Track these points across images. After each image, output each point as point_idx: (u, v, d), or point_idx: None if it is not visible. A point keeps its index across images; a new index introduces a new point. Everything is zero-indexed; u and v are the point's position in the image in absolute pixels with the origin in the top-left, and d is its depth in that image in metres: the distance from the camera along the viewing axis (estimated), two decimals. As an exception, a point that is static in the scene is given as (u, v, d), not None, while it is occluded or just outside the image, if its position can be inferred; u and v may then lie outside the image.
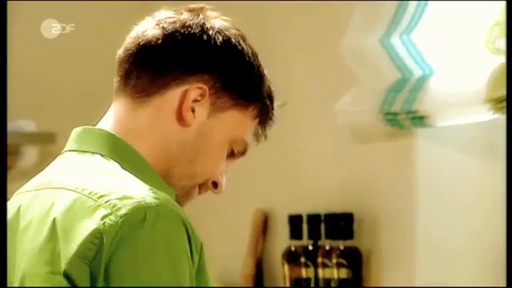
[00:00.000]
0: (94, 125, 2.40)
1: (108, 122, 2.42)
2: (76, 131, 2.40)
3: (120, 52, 2.42)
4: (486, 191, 4.04)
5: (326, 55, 4.22)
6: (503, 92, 3.60)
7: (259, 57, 2.47)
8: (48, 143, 4.72)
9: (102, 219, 2.21)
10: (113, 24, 4.30)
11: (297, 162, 4.43)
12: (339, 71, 4.14)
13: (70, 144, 2.40)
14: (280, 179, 4.49)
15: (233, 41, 2.46)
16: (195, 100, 2.38)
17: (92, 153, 2.38)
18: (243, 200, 4.51)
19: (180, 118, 2.39)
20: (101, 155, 2.35)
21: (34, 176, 2.36)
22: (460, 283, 3.98)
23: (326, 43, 4.20)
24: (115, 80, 2.42)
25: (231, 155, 2.46)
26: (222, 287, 4.51)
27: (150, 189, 2.26)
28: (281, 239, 4.36)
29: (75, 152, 2.38)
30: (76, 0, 4.99)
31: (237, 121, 2.46)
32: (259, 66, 2.50)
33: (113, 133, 2.38)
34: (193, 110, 2.39)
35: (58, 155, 2.40)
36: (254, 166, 4.38)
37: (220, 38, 2.43)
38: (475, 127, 3.89)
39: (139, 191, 2.25)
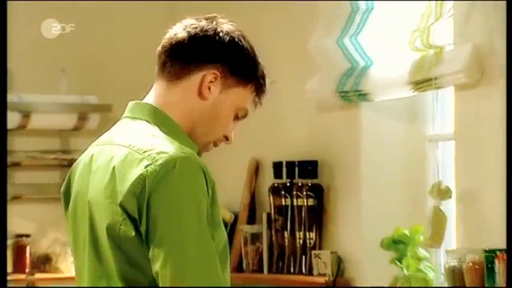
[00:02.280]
0: (141, 100, 2.54)
1: (151, 97, 2.55)
2: (130, 103, 2.55)
3: (159, 48, 2.55)
4: (409, 144, 4.19)
5: (301, 50, 4.35)
6: (419, 77, 3.84)
7: (255, 50, 2.57)
8: (106, 112, 4.77)
9: (145, 167, 2.35)
10: (155, 23, 4.34)
11: (280, 125, 4.55)
12: (309, 61, 4.29)
13: (126, 113, 2.54)
14: (267, 137, 4.61)
15: (237, 39, 2.57)
16: (211, 82, 2.50)
17: (141, 119, 2.52)
18: (241, 151, 4.56)
19: (200, 94, 2.50)
20: (147, 121, 2.50)
21: (97, 135, 2.50)
22: (392, 207, 4.15)
23: (300, 42, 4.35)
24: (156, 68, 2.56)
25: (236, 118, 2.55)
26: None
27: (179, 146, 2.40)
28: (267, 179, 4.53)
29: (129, 119, 2.52)
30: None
31: (240, 95, 2.54)
32: (254, 56, 2.58)
33: (155, 105, 2.53)
34: (209, 88, 2.51)
35: (117, 120, 2.56)
36: (250, 127, 4.32)
37: (228, 38, 2.55)
38: (401, 100, 4.07)
39: (171, 148, 2.38)
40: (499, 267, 3.50)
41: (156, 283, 2.30)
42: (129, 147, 2.41)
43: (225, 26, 2.55)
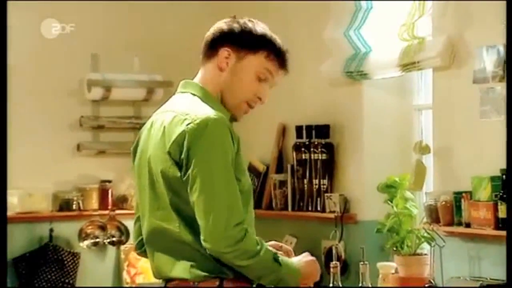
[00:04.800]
0: (192, 78, 2.66)
1: (197, 76, 2.64)
2: (181, 82, 2.66)
3: (203, 41, 2.64)
4: (399, 111, 4.19)
5: (317, 39, 4.36)
6: (406, 61, 3.83)
7: (263, 29, 2.56)
8: (168, 87, 4.78)
9: (186, 125, 2.46)
10: (204, 18, 4.34)
11: (301, 97, 4.57)
12: (323, 48, 4.32)
13: (178, 89, 2.66)
14: (291, 106, 4.62)
15: (243, 24, 2.59)
16: (226, 57, 2.57)
17: (187, 93, 2.62)
18: (272, 118, 4.65)
19: (220, 68, 2.58)
20: (191, 94, 2.60)
21: (161, 105, 2.62)
22: (386, 160, 4.13)
23: (317, 33, 4.36)
24: (201, 54, 2.64)
25: (262, 80, 2.57)
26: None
27: (213, 111, 2.49)
28: (291, 138, 4.53)
29: (179, 93, 2.64)
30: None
31: (253, 61, 2.57)
32: (260, 33, 2.58)
33: (197, 82, 2.62)
34: (226, 63, 2.55)
35: (173, 94, 2.70)
36: (279, 99, 4.54)
37: (236, 25, 2.58)
38: (393, 78, 4.09)
39: (206, 111, 2.48)
40: (464, 204, 3.54)
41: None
42: (176, 112, 2.51)
43: (239, 19, 2.61)
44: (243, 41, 2.58)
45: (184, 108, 2.51)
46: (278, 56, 2.57)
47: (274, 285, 2.47)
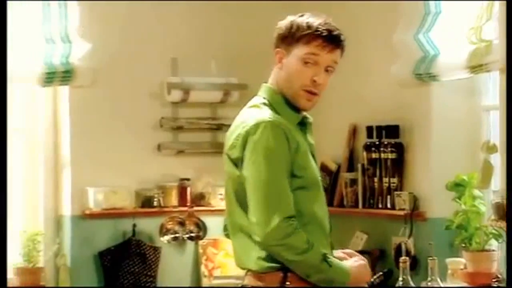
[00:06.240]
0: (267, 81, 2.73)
1: (269, 79, 2.71)
2: (262, 85, 2.73)
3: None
4: (467, 112, 4.18)
5: (387, 42, 4.33)
6: (474, 63, 3.82)
7: (307, 20, 2.57)
8: (243, 89, 4.83)
9: (242, 128, 2.57)
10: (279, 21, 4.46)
11: (371, 98, 4.54)
12: (393, 51, 4.30)
13: (259, 91, 2.73)
14: (362, 107, 4.60)
15: (290, 22, 2.63)
16: (280, 57, 2.63)
17: (259, 95, 2.69)
18: (343, 119, 4.66)
19: (279, 67, 2.65)
20: (263, 97, 2.66)
21: (236, 107, 2.71)
22: (454, 159, 4.08)
23: (387, 36, 4.33)
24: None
25: (311, 63, 2.57)
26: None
27: (269, 115, 2.55)
28: (362, 138, 4.53)
29: (257, 96, 2.71)
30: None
31: (297, 51, 2.59)
32: (295, 21, 2.59)
33: (268, 84, 2.69)
34: (281, 62, 2.62)
35: (252, 95, 2.76)
36: (350, 101, 4.61)
37: (285, 23, 2.64)
38: (461, 80, 4.06)
39: (262, 115, 2.56)
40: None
41: None
42: (240, 116, 2.62)
43: (292, 16, 2.66)
44: (288, 36, 2.61)
45: (246, 113, 2.61)
46: (319, 36, 2.57)
47: (323, 284, 2.50)
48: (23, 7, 4.44)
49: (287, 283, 2.48)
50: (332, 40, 2.59)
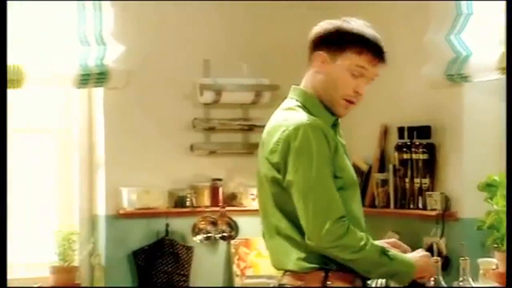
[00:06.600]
0: (298, 84, 2.70)
1: (302, 82, 2.69)
2: (292, 87, 2.72)
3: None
4: (497, 112, 4.14)
5: (419, 43, 4.31)
6: (504, 64, 3.77)
7: (357, 26, 2.53)
8: (275, 90, 4.85)
9: (282, 132, 2.55)
10: (310, 22, 4.37)
11: (403, 99, 4.54)
12: (424, 52, 4.28)
13: (289, 94, 2.72)
14: (393, 108, 4.60)
15: (336, 26, 2.58)
16: (322, 61, 2.60)
17: (291, 98, 2.67)
18: (375, 120, 4.65)
19: (317, 71, 2.62)
20: (296, 99, 2.65)
21: (268, 108, 2.81)
22: (485, 159, 4.04)
23: (418, 38, 4.33)
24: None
25: (358, 76, 2.56)
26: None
27: (307, 117, 2.53)
28: (393, 139, 4.53)
29: (289, 98, 2.70)
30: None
31: (344, 60, 2.56)
32: (347, 29, 2.54)
33: (301, 87, 2.67)
34: (322, 66, 2.58)
35: (283, 97, 2.76)
36: (381, 102, 4.57)
37: (330, 27, 2.59)
38: (492, 81, 4.04)
39: (301, 118, 2.54)
40: None
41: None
42: (276, 119, 2.60)
43: (336, 21, 2.60)
44: (334, 41, 2.58)
45: (283, 116, 2.59)
46: (369, 50, 2.56)
47: (388, 278, 2.52)
48: (58, 10, 4.48)
49: (328, 282, 2.49)
50: (380, 55, 2.59)
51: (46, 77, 4.44)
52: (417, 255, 2.57)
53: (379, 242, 2.54)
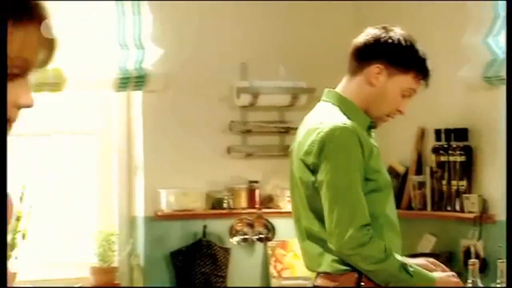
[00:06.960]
0: (334, 87, 2.74)
1: (339, 86, 2.72)
2: (325, 90, 2.75)
3: (353, 49, 2.69)
4: None
5: (456, 46, 4.34)
6: None
7: (415, 45, 2.54)
8: (312, 93, 4.79)
9: (317, 134, 2.57)
10: (347, 29, 4.16)
11: (440, 102, 4.52)
12: (462, 54, 4.30)
13: (322, 97, 2.76)
14: (431, 111, 4.56)
15: (396, 40, 2.60)
16: (377, 73, 2.61)
17: (327, 101, 2.71)
18: (412, 122, 4.47)
19: (370, 83, 2.64)
20: (332, 103, 2.68)
21: (304, 111, 2.75)
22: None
23: (456, 40, 4.34)
24: (349, 61, 2.70)
25: (407, 96, 2.65)
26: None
27: (343, 120, 2.56)
28: (430, 141, 4.52)
29: (322, 101, 2.74)
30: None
31: (402, 81, 2.62)
32: (412, 51, 2.57)
33: (339, 92, 2.69)
34: (377, 79, 2.60)
35: (318, 100, 2.80)
36: (418, 104, 4.46)
37: (389, 40, 2.61)
38: None
39: (337, 121, 2.57)
40: None
41: None
42: (311, 121, 2.62)
43: (392, 32, 2.61)
44: (396, 59, 2.59)
45: (318, 119, 2.60)
46: (424, 76, 2.62)
47: None
48: (98, 14, 4.54)
49: (362, 283, 2.49)
50: (427, 76, 2.65)
51: (85, 81, 4.50)
52: (442, 274, 2.57)
53: (404, 258, 2.52)
